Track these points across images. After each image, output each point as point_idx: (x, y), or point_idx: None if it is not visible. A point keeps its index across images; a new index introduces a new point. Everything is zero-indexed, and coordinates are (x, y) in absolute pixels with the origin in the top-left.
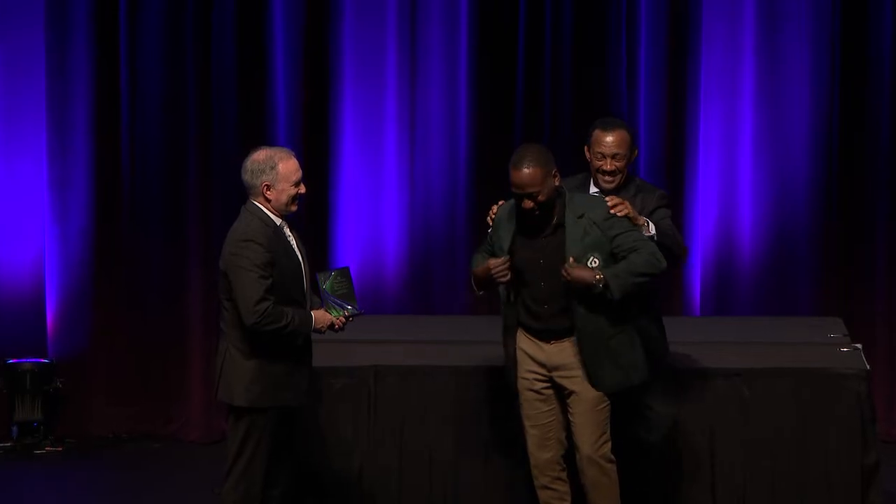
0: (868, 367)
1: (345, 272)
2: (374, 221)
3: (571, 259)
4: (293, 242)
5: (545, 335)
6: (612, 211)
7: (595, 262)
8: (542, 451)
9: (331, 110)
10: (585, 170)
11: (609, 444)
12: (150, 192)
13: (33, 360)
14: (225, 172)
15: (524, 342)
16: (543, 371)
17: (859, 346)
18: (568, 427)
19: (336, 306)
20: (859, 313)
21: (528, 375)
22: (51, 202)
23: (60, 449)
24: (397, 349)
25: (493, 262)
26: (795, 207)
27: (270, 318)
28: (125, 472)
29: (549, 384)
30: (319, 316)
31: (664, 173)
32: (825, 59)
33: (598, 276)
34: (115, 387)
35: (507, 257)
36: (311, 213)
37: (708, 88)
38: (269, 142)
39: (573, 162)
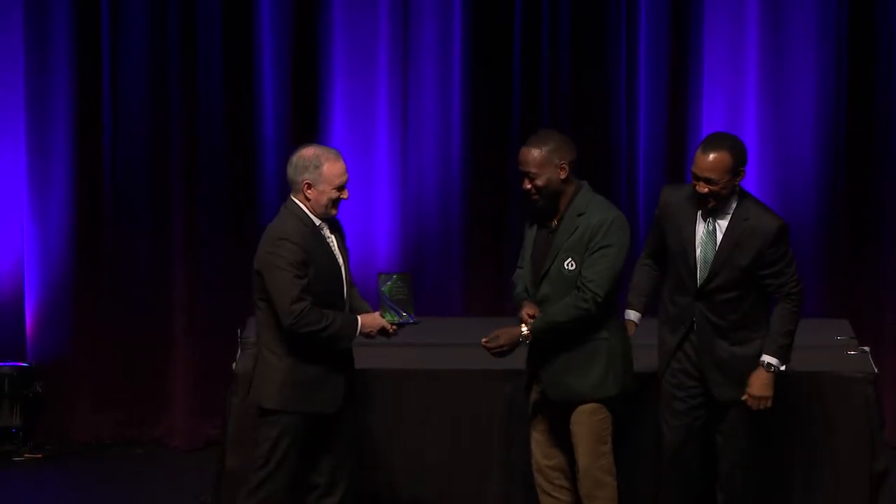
0: (876, 370)
1: (406, 278)
2: (366, 220)
3: (495, 337)
4: (333, 244)
5: None
6: (750, 405)
7: (572, 265)
8: (546, 458)
9: (321, 107)
10: (588, 170)
11: (608, 457)
12: (132, 192)
13: (12, 363)
14: (210, 171)
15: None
16: None
17: (867, 348)
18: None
19: (391, 310)
20: (866, 315)
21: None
22: (30, 201)
23: (40, 456)
24: (392, 352)
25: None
26: (800, 207)
27: (308, 318)
28: (107, 480)
29: None
30: (369, 320)
31: (665, 174)
32: (831, 57)
33: (524, 334)
34: (96, 391)
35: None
36: None
37: (710, 87)
38: (257, 141)
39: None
